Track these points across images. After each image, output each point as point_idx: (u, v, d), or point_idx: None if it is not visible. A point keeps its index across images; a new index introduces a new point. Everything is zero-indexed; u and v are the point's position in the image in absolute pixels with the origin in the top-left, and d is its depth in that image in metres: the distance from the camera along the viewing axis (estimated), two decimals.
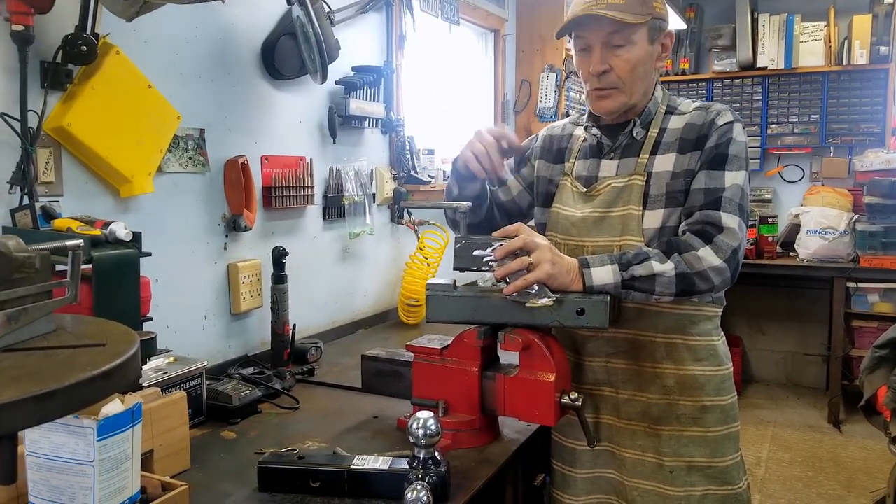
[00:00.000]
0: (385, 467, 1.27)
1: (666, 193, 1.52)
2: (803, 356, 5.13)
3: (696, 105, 1.58)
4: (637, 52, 1.50)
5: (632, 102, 1.55)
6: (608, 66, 1.51)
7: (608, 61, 1.50)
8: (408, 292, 2.75)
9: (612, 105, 1.54)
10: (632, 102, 1.55)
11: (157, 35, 1.87)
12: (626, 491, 1.59)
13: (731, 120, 1.51)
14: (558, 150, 1.72)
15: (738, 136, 1.50)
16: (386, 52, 2.87)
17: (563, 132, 1.74)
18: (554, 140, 1.74)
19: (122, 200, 1.81)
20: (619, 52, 1.50)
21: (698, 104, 1.59)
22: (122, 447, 1.05)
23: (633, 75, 1.51)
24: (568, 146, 1.71)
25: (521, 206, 1.80)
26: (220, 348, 2.13)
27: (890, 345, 2.70)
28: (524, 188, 1.79)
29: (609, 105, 1.55)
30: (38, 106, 1.59)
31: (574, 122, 1.75)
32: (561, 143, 1.73)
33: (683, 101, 1.62)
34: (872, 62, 4.57)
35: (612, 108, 1.55)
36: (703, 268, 1.39)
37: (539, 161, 1.75)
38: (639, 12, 1.46)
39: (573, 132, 1.72)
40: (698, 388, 1.55)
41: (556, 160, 1.72)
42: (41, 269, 0.86)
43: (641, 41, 1.50)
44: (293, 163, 2.36)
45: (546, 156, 1.74)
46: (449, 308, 1.47)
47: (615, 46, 1.49)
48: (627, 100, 1.54)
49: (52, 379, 0.71)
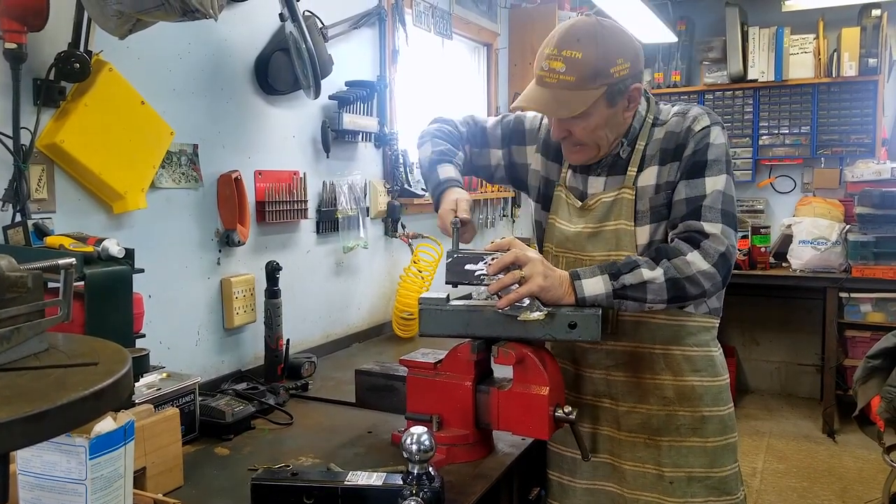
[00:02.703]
0: (379, 483, 1.26)
1: (651, 209, 1.53)
2: (797, 366, 5.14)
3: (675, 111, 1.57)
4: (595, 120, 1.48)
5: (603, 153, 1.55)
6: (566, 132, 1.52)
7: (567, 128, 1.51)
8: (402, 305, 2.75)
9: (583, 158, 1.57)
10: (603, 153, 1.55)
11: (151, 52, 1.88)
12: (627, 503, 1.59)
13: (707, 124, 1.50)
14: (557, 150, 1.69)
15: (716, 140, 1.49)
16: (379, 67, 2.88)
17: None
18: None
19: (115, 216, 1.81)
20: (576, 121, 1.49)
21: (676, 109, 1.57)
22: (115, 465, 1.04)
23: (594, 136, 1.51)
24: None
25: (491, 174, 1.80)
26: (213, 364, 2.12)
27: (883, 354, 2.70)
28: (504, 165, 1.77)
29: (579, 158, 1.57)
30: (30, 123, 1.59)
31: None
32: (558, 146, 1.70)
33: (664, 107, 1.60)
34: (862, 74, 4.61)
35: (583, 160, 1.57)
36: (693, 272, 1.40)
37: (539, 155, 1.73)
38: (591, 86, 1.43)
39: None
40: (697, 398, 1.56)
41: (554, 159, 1.71)
42: (33, 289, 0.86)
43: (598, 110, 1.47)
44: (287, 177, 2.37)
45: (546, 151, 1.72)
46: (442, 322, 1.47)
47: (571, 119, 1.49)
48: (597, 152, 1.55)
49: (44, 399, 0.71)
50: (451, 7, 3.46)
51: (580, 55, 1.41)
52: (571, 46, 1.41)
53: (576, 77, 1.42)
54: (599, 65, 1.42)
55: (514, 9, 4.15)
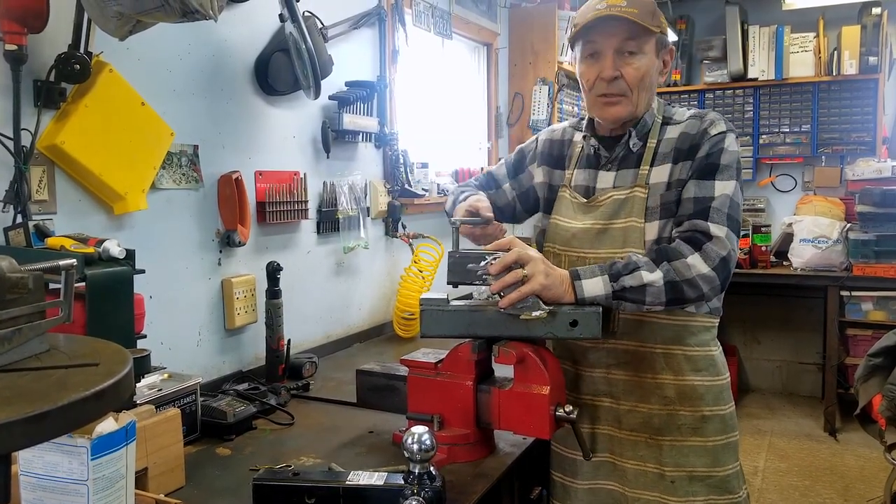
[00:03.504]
0: (380, 483, 1.26)
1: (661, 205, 1.54)
2: (798, 365, 5.13)
3: (691, 114, 1.59)
4: (646, 62, 1.52)
5: (637, 112, 1.56)
6: (619, 72, 1.52)
7: (619, 68, 1.52)
8: (403, 305, 2.75)
9: (621, 112, 1.55)
10: (637, 112, 1.56)
11: (151, 53, 1.88)
12: (628, 502, 1.59)
13: (724, 130, 1.52)
14: (559, 156, 1.72)
15: (730, 147, 1.52)
16: (379, 67, 2.88)
17: (564, 137, 1.75)
18: (554, 145, 1.75)
19: (115, 217, 1.81)
20: (631, 59, 1.51)
21: (692, 112, 1.60)
22: (116, 466, 1.04)
23: (640, 84, 1.53)
24: (568, 153, 1.71)
25: (513, 210, 1.83)
26: (214, 364, 2.12)
27: (884, 353, 2.70)
28: (516, 195, 1.80)
29: (617, 112, 1.55)
30: (31, 124, 1.59)
31: (574, 126, 1.75)
32: (562, 149, 1.73)
33: (678, 109, 1.63)
34: (862, 72, 4.61)
35: (620, 114, 1.55)
36: (692, 275, 1.40)
37: (541, 168, 1.75)
38: (650, 23, 1.49)
39: (573, 137, 1.73)
40: (698, 398, 1.56)
41: (557, 166, 1.72)
42: (34, 290, 0.86)
43: (650, 52, 1.53)
44: (287, 178, 2.37)
45: (547, 161, 1.74)
46: (443, 322, 1.47)
47: (627, 53, 1.51)
48: (634, 109, 1.55)
49: (46, 400, 0.71)
50: (451, 7, 3.46)
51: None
52: None
53: (639, 10, 1.48)
54: (654, 8, 1.52)
55: (514, 8, 4.15)
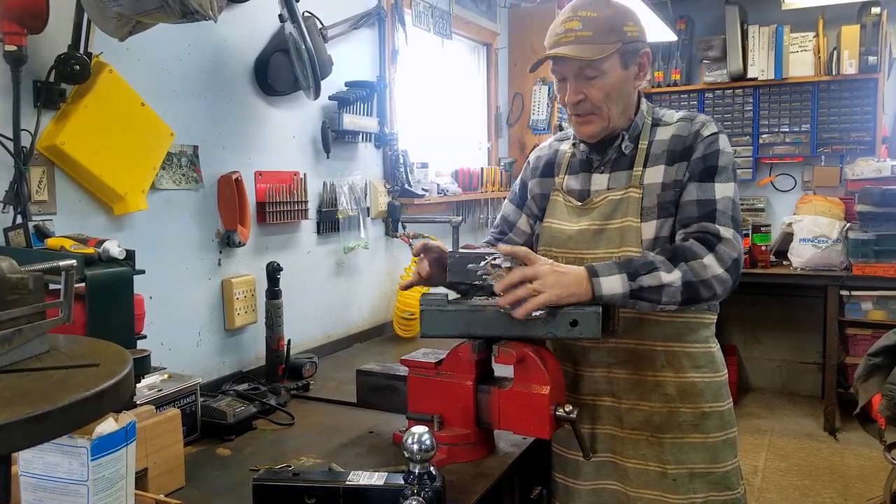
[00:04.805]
0: (381, 483, 1.26)
1: (658, 205, 1.55)
2: (798, 364, 5.13)
3: (680, 116, 1.62)
4: (610, 80, 1.54)
5: (611, 126, 1.59)
6: (582, 95, 1.55)
7: (582, 91, 1.55)
8: (403, 305, 2.75)
9: (592, 130, 1.59)
10: (611, 126, 1.59)
11: (150, 53, 1.88)
12: (630, 501, 1.60)
13: (715, 131, 1.55)
14: (546, 166, 1.76)
15: (724, 148, 1.54)
16: (379, 67, 2.88)
17: (549, 150, 1.79)
18: (542, 159, 1.79)
19: (115, 218, 1.81)
20: (592, 81, 1.54)
21: (682, 114, 1.62)
22: (117, 466, 1.05)
23: (607, 101, 1.55)
24: (556, 161, 1.75)
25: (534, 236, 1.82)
26: (214, 364, 2.12)
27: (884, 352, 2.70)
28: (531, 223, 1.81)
29: (589, 130, 1.60)
30: (31, 125, 1.59)
31: (558, 139, 1.80)
32: (549, 160, 1.77)
33: (666, 111, 1.65)
34: (861, 72, 4.60)
35: (593, 132, 1.60)
36: (708, 276, 1.41)
37: (533, 181, 1.79)
38: (607, 41, 1.50)
39: (559, 148, 1.77)
40: (698, 394, 1.57)
41: (547, 175, 1.76)
42: (34, 290, 0.86)
43: (613, 69, 1.54)
44: (287, 178, 2.37)
45: (538, 174, 1.78)
46: (443, 322, 1.47)
47: (588, 77, 1.54)
48: (606, 124, 1.58)
49: (46, 400, 0.71)
50: (451, 7, 3.46)
51: (594, 14, 1.50)
52: (585, 8, 1.52)
53: (592, 32, 1.50)
54: (613, 22, 1.52)
55: (514, 8, 4.15)
